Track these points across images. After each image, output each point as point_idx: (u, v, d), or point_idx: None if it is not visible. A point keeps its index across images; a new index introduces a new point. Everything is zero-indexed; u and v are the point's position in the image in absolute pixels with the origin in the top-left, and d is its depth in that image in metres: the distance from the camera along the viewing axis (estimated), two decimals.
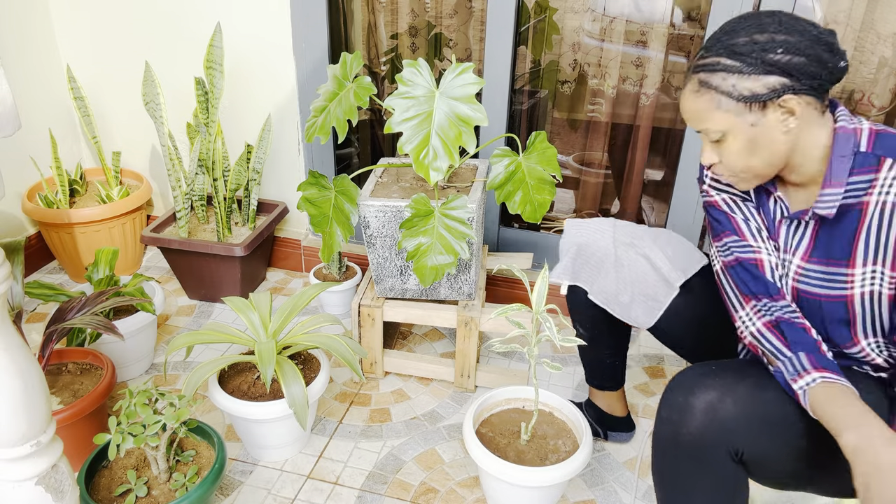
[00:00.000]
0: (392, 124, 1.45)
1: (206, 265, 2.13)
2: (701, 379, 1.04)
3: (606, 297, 1.38)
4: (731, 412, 1.00)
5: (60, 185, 2.20)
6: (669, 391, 1.07)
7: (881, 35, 1.99)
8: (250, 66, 2.15)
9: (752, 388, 1.02)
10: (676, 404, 1.04)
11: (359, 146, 2.54)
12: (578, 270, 1.42)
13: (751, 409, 1.00)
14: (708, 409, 1.00)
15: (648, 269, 1.34)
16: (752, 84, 0.98)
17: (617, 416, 1.67)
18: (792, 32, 0.97)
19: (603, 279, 1.38)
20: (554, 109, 2.40)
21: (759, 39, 0.98)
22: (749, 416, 1.00)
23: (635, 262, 1.35)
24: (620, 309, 1.37)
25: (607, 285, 1.37)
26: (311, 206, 1.64)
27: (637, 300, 1.35)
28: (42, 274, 2.37)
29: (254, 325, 1.59)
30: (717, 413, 1.00)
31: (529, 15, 2.19)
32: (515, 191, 1.68)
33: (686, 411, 1.02)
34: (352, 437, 1.70)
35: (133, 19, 2.19)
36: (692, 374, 1.06)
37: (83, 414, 1.47)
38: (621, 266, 1.36)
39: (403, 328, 2.14)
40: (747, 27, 1.00)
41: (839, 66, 0.99)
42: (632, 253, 1.35)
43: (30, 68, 2.24)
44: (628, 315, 1.37)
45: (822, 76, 0.98)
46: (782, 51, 0.96)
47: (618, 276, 1.36)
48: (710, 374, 1.05)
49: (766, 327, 1.09)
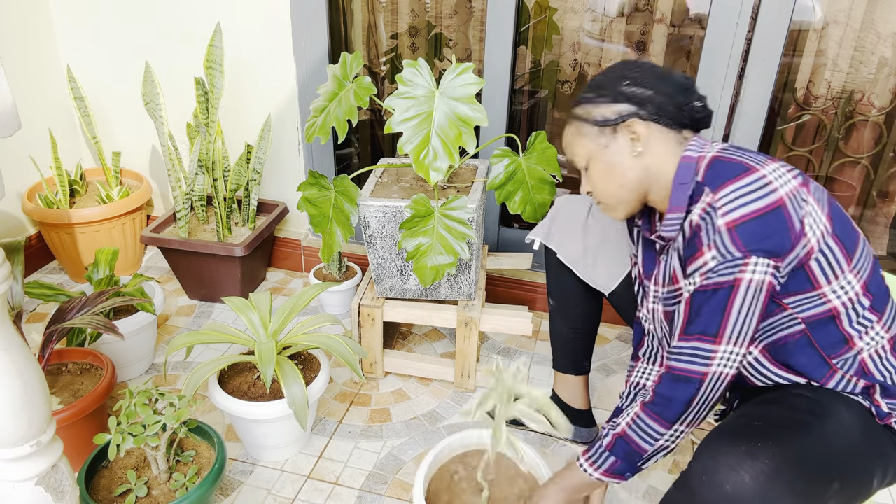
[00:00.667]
0: (392, 124, 1.45)
1: (206, 265, 2.13)
2: (748, 461, 0.96)
3: (573, 258, 1.50)
4: (778, 497, 0.95)
5: (60, 185, 2.20)
6: (713, 472, 0.98)
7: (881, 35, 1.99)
8: (250, 66, 2.15)
9: (799, 466, 0.98)
10: (723, 493, 0.96)
11: (359, 146, 2.54)
12: (553, 232, 1.53)
13: (798, 488, 0.97)
14: (757, 499, 0.95)
15: (617, 237, 1.46)
16: (605, 110, 1.12)
17: (577, 409, 1.67)
18: (644, 73, 1.12)
19: (572, 241, 1.50)
20: (554, 109, 2.40)
21: (612, 76, 1.14)
22: (795, 495, 0.96)
23: (604, 230, 1.47)
24: (585, 270, 1.49)
25: (575, 248, 1.50)
26: (311, 206, 1.64)
27: (601, 264, 1.47)
28: (42, 274, 2.37)
29: (254, 325, 1.59)
30: (766, 501, 0.95)
31: (529, 15, 2.19)
32: (515, 191, 1.68)
33: (735, 501, 0.96)
34: (352, 438, 1.70)
35: (133, 19, 2.19)
36: (736, 452, 0.98)
37: (83, 414, 1.47)
38: (590, 232, 1.49)
39: (403, 328, 2.14)
40: (612, 70, 1.15)
41: (694, 104, 1.11)
42: (604, 221, 1.48)
43: (30, 68, 2.24)
44: (591, 277, 1.48)
45: (669, 109, 1.10)
46: (628, 83, 1.11)
47: (585, 241, 1.49)
48: (758, 455, 0.97)
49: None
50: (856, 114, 2.14)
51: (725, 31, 1.75)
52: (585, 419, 1.67)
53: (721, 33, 1.75)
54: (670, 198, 1.10)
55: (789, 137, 2.27)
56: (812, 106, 2.18)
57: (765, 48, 1.74)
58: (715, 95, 1.82)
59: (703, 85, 1.82)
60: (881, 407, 1.08)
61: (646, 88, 1.11)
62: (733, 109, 1.84)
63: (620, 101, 1.11)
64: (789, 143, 2.27)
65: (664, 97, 1.10)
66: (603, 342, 2.09)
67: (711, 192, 1.03)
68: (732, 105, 1.83)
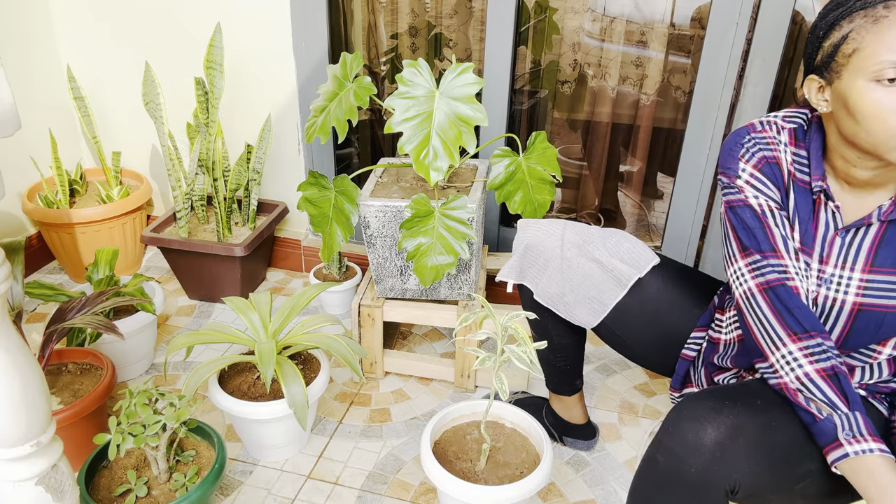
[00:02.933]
0: (392, 124, 1.45)
1: (206, 265, 2.13)
2: (712, 414, 0.96)
3: (551, 297, 1.37)
4: (741, 454, 0.95)
5: (60, 185, 2.20)
6: (677, 421, 0.99)
7: None
8: (250, 66, 2.15)
9: (763, 429, 0.97)
10: (685, 439, 0.97)
11: (359, 146, 2.54)
12: (525, 270, 1.41)
13: (760, 452, 0.96)
14: (717, 447, 0.95)
15: (596, 270, 1.31)
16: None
17: (574, 424, 1.66)
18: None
19: (548, 280, 1.36)
20: (554, 109, 2.41)
21: None
22: (758, 458, 0.96)
23: (582, 264, 1.32)
24: (565, 308, 1.36)
25: (552, 286, 1.36)
26: (311, 206, 1.64)
27: (582, 301, 1.33)
28: (42, 274, 2.37)
29: (254, 325, 1.59)
30: (726, 454, 0.95)
31: (529, 15, 2.19)
32: (515, 191, 1.68)
33: (695, 449, 0.95)
34: (352, 437, 1.70)
35: (133, 19, 2.19)
36: (703, 406, 0.98)
37: (83, 414, 1.48)
38: (568, 267, 1.33)
39: (403, 328, 2.14)
40: None
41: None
42: (579, 254, 1.33)
43: (30, 68, 2.24)
44: (572, 315, 1.36)
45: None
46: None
47: (563, 277, 1.34)
48: (723, 409, 0.97)
49: (820, 375, 0.97)
50: None
51: (725, 31, 1.75)
52: (586, 432, 1.67)
53: (721, 33, 1.75)
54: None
55: None
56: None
57: (765, 48, 1.74)
58: (715, 95, 1.82)
59: (702, 85, 1.82)
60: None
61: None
62: (733, 109, 1.84)
63: None
64: None
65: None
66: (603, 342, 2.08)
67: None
68: (732, 105, 1.83)
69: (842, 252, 1.03)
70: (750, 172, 1.07)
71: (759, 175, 1.07)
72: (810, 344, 1.00)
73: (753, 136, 1.08)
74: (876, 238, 1.01)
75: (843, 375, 0.98)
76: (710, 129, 1.86)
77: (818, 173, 1.03)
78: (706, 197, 1.96)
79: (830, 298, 1.05)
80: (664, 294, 1.31)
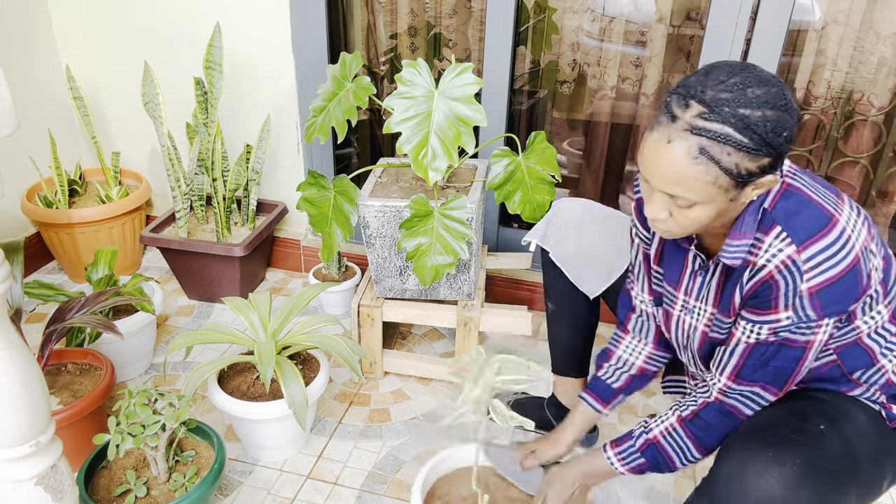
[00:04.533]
0: (391, 124, 1.45)
1: (206, 265, 2.13)
2: (776, 466, 0.97)
3: (564, 257, 1.49)
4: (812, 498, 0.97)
5: (60, 186, 2.19)
6: (740, 476, 0.99)
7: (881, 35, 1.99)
8: (250, 66, 2.15)
9: (824, 461, 1.00)
10: (749, 498, 0.97)
11: (358, 146, 2.54)
12: (549, 234, 1.53)
13: (827, 485, 0.99)
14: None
15: (609, 242, 1.44)
16: (751, 164, 0.92)
17: None
18: (789, 109, 0.92)
19: (565, 243, 1.50)
20: (553, 109, 2.41)
21: (770, 117, 0.90)
22: (825, 491, 0.99)
23: (596, 234, 1.46)
24: (574, 270, 1.48)
25: (567, 249, 1.49)
26: (310, 206, 1.64)
27: (589, 267, 1.46)
28: (41, 274, 2.37)
29: (253, 325, 1.59)
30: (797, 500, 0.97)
31: (529, 15, 2.19)
32: (515, 191, 1.68)
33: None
34: (351, 437, 1.70)
35: (133, 19, 2.19)
36: (763, 456, 0.99)
37: (83, 414, 1.47)
38: (583, 234, 1.48)
39: (403, 328, 2.14)
40: (757, 96, 0.90)
41: None
42: (596, 223, 1.48)
43: (30, 68, 2.24)
44: (580, 279, 1.48)
45: None
46: (787, 134, 0.92)
47: (577, 243, 1.48)
48: (785, 459, 0.98)
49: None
50: (855, 114, 2.14)
51: (725, 31, 1.75)
52: None
53: (721, 33, 1.75)
54: (736, 222, 1.02)
55: None
56: (812, 106, 2.18)
57: (764, 48, 1.74)
58: None
59: None
60: (892, 410, 1.09)
61: (791, 135, 0.93)
62: None
63: (770, 154, 0.92)
64: None
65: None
66: (603, 342, 2.08)
67: (793, 243, 0.97)
68: None
69: (701, 287, 1.16)
70: (634, 203, 1.25)
71: (636, 210, 1.24)
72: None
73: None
74: (719, 281, 1.12)
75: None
76: None
77: None
78: None
79: (690, 325, 1.21)
80: None
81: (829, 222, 0.97)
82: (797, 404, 1.09)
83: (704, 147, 0.91)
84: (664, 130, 0.93)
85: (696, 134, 0.91)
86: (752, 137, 0.90)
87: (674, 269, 1.20)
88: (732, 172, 0.92)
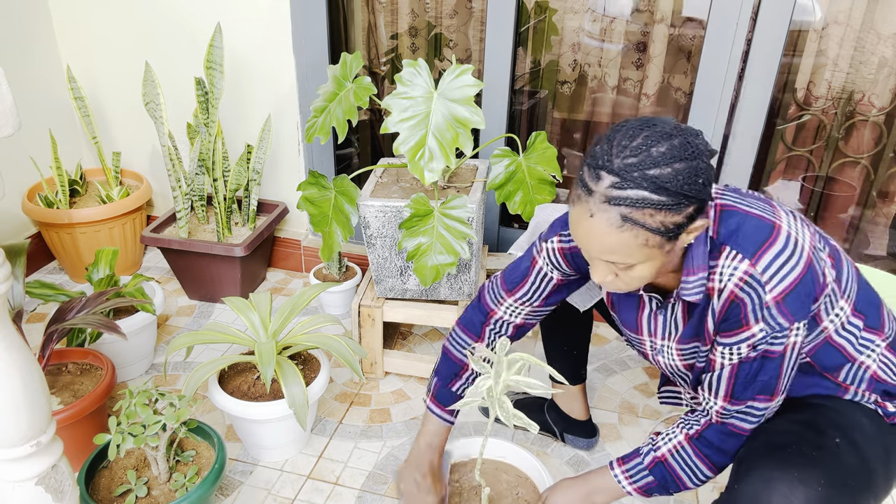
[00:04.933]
0: (389, 124, 1.45)
1: (206, 265, 2.13)
2: (801, 487, 0.97)
3: None
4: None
5: (60, 186, 2.20)
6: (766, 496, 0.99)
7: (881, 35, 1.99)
8: (250, 66, 2.15)
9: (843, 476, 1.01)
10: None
11: (358, 146, 2.55)
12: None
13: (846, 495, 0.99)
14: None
15: None
16: (676, 217, 0.93)
17: (576, 419, 1.66)
18: (699, 155, 0.93)
19: None
20: (554, 109, 2.41)
21: (680, 170, 0.91)
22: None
23: None
24: None
25: None
26: (311, 206, 1.64)
27: None
28: (42, 274, 2.37)
29: (254, 325, 1.59)
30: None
31: (529, 15, 2.19)
32: (515, 191, 1.68)
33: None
34: (352, 438, 1.70)
35: (133, 19, 2.20)
36: (788, 477, 0.99)
37: (83, 414, 1.48)
38: None
39: (403, 328, 2.14)
40: (662, 154, 0.91)
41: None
42: None
43: (30, 68, 2.24)
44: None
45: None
46: (703, 180, 0.93)
47: None
48: (809, 480, 0.98)
49: None
50: (856, 114, 2.14)
51: (725, 31, 1.75)
52: (586, 429, 1.67)
53: (721, 33, 1.75)
54: (686, 259, 1.03)
55: (789, 137, 2.27)
56: (812, 106, 2.18)
57: (765, 48, 1.74)
58: (715, 95, 1.82)
59: (703, 85, 1.82)
60: (887, 408, 1.10)
61: (708, 179, 0.95)
62: (733, 109, 1.84)
63: (691, 202, 0.93)
64: (789, 143, 2.27)
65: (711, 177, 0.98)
66: (602, 342, 2.09)
67: (745, 258, 0.98)
68: (732, 105, 1.83)
69: (666, 327, 1.17)
70: (559, 250, 1.21)
71: (562, 256, 1.21)
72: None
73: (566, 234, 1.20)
74: (684, 315, 1.13)
75: None
76: (710, 129, 1.86)
77: None
78: None
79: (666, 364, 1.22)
80: None
81: (772, 230, 0.99)
82: (807, 416, 1.09)
83: (625, 215, 0.92)
84: (584, 205, 0.95)
85: (615, 204, 0.92)
86: (668, 194, 0.91)
87: (629, 312, 1.21)
88: (661, 230, 0.93)
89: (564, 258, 1.21)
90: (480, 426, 1.74)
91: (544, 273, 1.24)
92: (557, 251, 1.21)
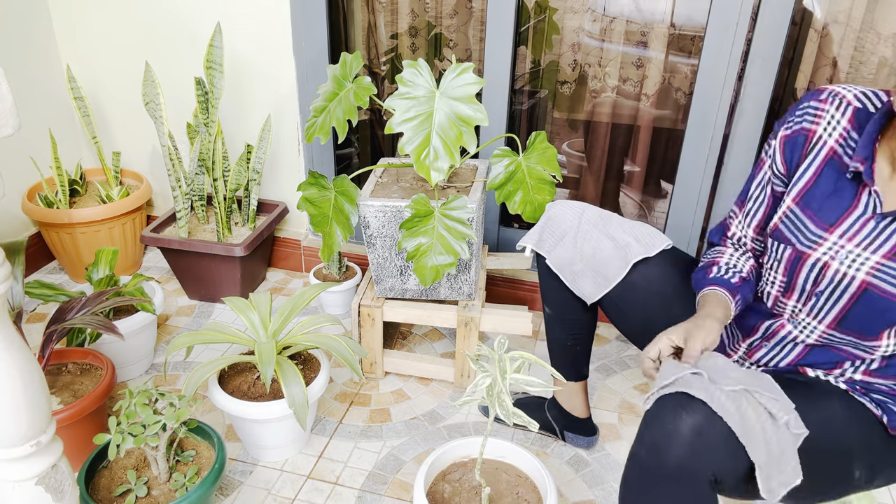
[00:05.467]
0: (392, 125, 1.45)
1: (206, 265, 2.13)
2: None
3: (560, 264, 1.45)
4: (719, 437, 0.96)
5: (60, 185, 2.20)
6: (656, 412, 1.01)
7: (881, 35, 1.99)
8: (250, 66, 2.15)
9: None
10: (664, 429, 0.98)
11: (358, 146, 2.55)
12: (543, 239, 1.49)
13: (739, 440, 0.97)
14: (695, 435, 0.96)
15: (607, 245, 1.40)
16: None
17: (576, 417, 1.66)
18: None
19: (561, 248, 1.46)
20: (554, 109, 2.41)
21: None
22: (736, 441, 0.96)
23: (595, 238, 1.42)
24: (571, 277, 1.44)
25: (564, 254, 1.45)
26: (311, 206, 1.64)
27: (587, 273, 1.42)
28: (42, 274, 2.37)
29: (254, 325, 1.59)
30: (705, 440, 0.96)
31: (529, 15, 2.19)
32: (515, 191, 1.68)
33: (673, 437, 0.97)
34: (352, 438, 1.70)
35: (133, 19, 2.20)
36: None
37: (83, 414, 1.48)
38: (582, 239, 1.43)
39: (403, 328, 2.14)
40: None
41: None
42: (594, 229, 1.43)
43: (30, 68, 2.24)
44: (577, 285, 1.44)
45: None
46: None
47: (575, 248, 1.44)
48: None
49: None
50: None
51: (725, 31, 1.75)
52: (586, 428, 1.67)
53: (721, 33, 1.75)
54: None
55: None
56: None
57: (765, 48, 1.74)
58: (715, 95, 1.82)
59: (703, 85, 1.82)
60: (883, 420, 1.10)
61: None
62: (733, 109, 1.84)
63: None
64: None
65: None
66: (603, 342, 2.09)
67: None
68: (732, 105, 1.83)
69: (870, 235, 1.06)
70: (781, 135, 1.18)
71: (781, 145, 1.17)
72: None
73: (808, 108, 1.14)
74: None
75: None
76: (710, 129, 1.86)
77: (860, 157, 1.06)
78: (706, 197, 1.96)
79: (840, 273, 1.08)
80: (671, 278, 1.34)
81: None
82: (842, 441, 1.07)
83: None
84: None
85: None
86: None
87: (832, 209, 1.10)
88: None
89: (783, 150, 1.15)
90: (480, 426, 1.74)
91: (766, 177, 1.20)
92: (780, 139, 1.16)
